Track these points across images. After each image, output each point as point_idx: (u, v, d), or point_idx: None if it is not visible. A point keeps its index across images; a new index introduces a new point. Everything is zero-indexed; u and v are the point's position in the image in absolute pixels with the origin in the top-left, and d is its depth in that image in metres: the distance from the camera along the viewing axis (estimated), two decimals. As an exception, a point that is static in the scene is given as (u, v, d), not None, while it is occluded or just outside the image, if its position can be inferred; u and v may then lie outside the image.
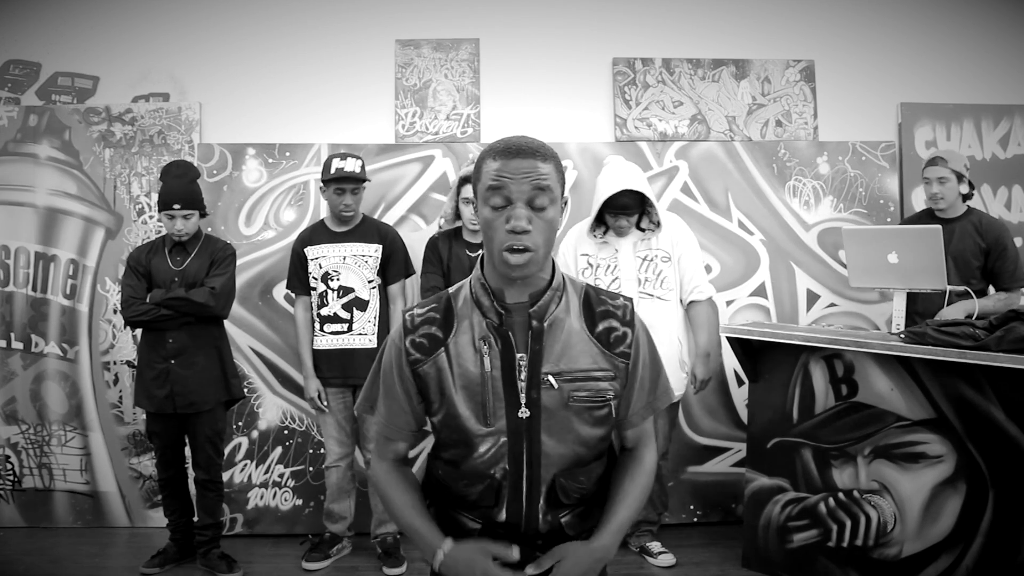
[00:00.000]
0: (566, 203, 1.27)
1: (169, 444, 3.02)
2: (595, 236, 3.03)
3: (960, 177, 3.05)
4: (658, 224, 2.99)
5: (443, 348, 1.25)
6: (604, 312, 1.28)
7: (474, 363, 1.23)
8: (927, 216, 3.22)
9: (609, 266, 3.01)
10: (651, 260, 3.00)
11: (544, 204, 1.18)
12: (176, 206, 2.92)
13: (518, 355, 1.23)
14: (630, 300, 1.32)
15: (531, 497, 1.24)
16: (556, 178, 1.21)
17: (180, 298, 2.88)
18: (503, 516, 1.25)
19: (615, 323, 1.27)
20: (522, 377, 1.22)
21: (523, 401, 1.22)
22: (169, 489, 3.06)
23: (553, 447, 1.24)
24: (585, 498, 1.29)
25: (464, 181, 3.13)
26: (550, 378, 1.22)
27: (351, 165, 3.06)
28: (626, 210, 2.92)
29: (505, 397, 1.22)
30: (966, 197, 3.13)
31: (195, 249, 3.01)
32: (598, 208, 2.94)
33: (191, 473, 3.08)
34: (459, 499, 1.28)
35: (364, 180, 3.12)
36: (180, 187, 2.95)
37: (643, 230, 3.01)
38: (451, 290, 1.32)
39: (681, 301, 3.07)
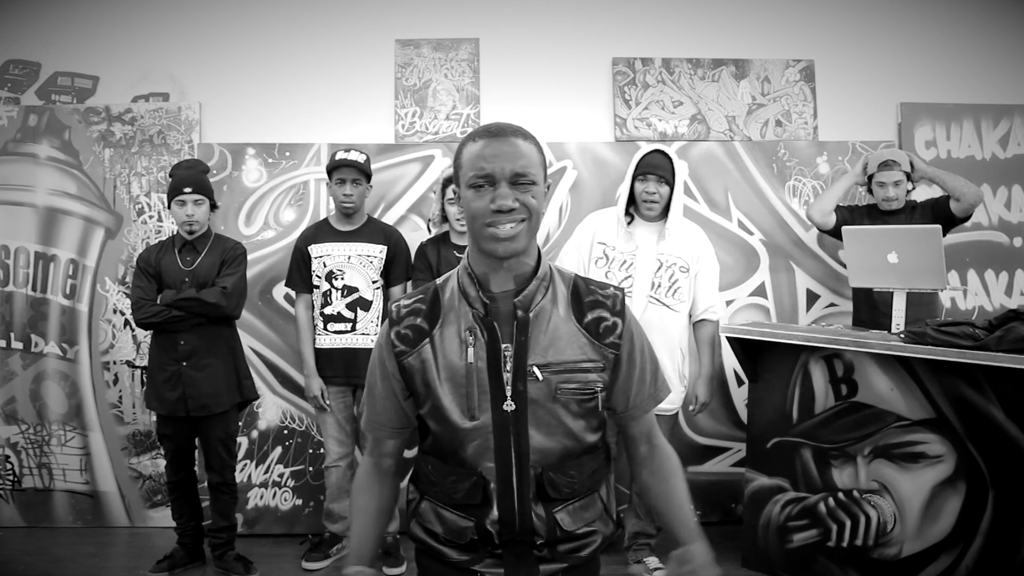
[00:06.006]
0: (548, 187, 1.27)
1: (180, 447, 2.98)
2: (623, 221, 2.92)
3: (908, 176, 3.26)
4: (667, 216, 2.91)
5: (428, 339, 1.23)
6: (593, 302, 1.25)
7: (459, 355, 1.21)
8: (876, 211, 3.32)
9: (625, 262, 2.90)
10: (669, 266, 2.90)
11: (528, 183, 1.17)
12: (187, 189, 2.90)
13: (503, 346, 1.20)
14: (621, 290, 1.30)
15: (521, 493, 1.22)
16: (538, 160, 1.20)
17: (191, 298, 2.85)
18: (495, 514, 1.23)
19: (604, 313, 1.25)
20: (507, 369, 1.20)
21: (508, 394, 1.20)
22: (179, 492, 3.02)
23: (541, 441, 1.21)
24: (577, 492, 1.26)
25: (448, 182, 3.13)
26: (536, 370, 1.20)
27: (353, 155, 3.08)
28: (656, 170, 2.85)
29: (490, 390, 1.20)
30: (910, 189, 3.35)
31: (205, 248, 2.98)
32: (631, 177, 2.91)
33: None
34: (447, 496, 1.26)
35: (367, 173, 3.12)
36: (190, 175, 2.96)
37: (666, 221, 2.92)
38: (438, 281, 1.30)
39: (690, 315, 2.97)
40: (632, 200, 2.95)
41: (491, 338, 1.20)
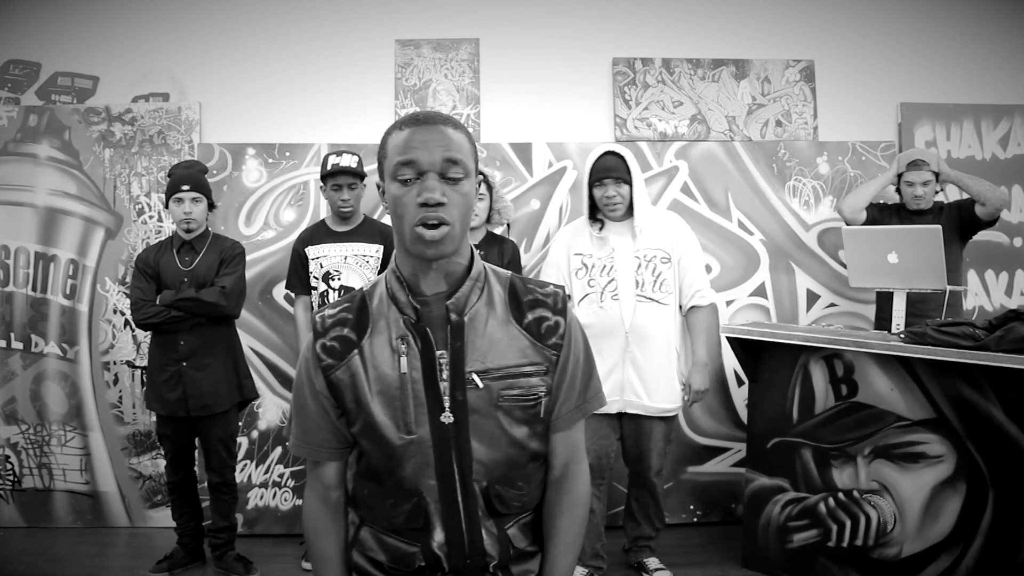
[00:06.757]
0: (480, 182, 1.20)
1: (180, 447, 2.99)
2: (593, 228, 2.84)
3: (937, 176, 3.27)
4: (630, 209, 2.80)
5: (356, 351, 1.13)
6: (533, 301, 1.17)
7: (391, 365, 1.12)
8: (904, 210, 3.33)
9: (605, 267, 2.80)
10: (649, 260, 2.80)
11: (458, 175, 1.08)
12: (184, 187, 2.91)
13: (438, 353, 1.11)
14: (561, 287, 1.21)
15: (469, 510, 1.13)
16: (469, 150, 1.11)
17: (191, 298, 2.85)
18: (440, 536, 1.14)
19: (546, 312, 1.16)
20: (444, 377, 1.11)
21: (447, 404, 1.11)
22: (179, 492, 3.03)
23: (484, 453, 1.12)
24: (527, 504, 1.19)
25: None
26: (475, 377, 1.11)
27: (347, 160, 3.06)
28: (611, 173, 2.75)
29: (427, 401, 1.11)
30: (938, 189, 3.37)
31: (204, 248, 2.98)
32: (587, 184, 2.81)
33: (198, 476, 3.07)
34: (387, 521, 1.17)
35: (361, 175, 3.12)
36: (188, 174, 2.98)
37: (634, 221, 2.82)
38: (365, 287, 1.21)
39: (680, 306, 2.85)
40: (596, 206, 2.86)
41: (424, 345, 1.11)
